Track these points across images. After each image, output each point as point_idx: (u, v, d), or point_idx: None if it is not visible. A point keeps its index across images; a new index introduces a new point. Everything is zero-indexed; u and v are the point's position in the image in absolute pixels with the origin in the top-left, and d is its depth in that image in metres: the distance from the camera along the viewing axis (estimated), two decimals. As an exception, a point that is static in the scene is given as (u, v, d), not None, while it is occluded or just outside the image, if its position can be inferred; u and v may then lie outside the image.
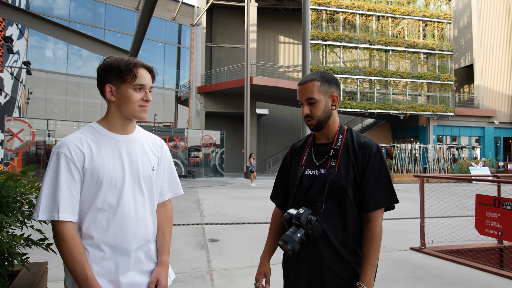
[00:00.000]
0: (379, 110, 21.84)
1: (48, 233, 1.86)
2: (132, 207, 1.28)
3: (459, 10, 27.09)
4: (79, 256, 1.17)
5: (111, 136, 1.30)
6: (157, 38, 22.34)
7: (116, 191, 1.25)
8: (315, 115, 1.41)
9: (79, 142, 1.23)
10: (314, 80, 1.41)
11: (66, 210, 1.17)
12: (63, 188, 1.17)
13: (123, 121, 1.32)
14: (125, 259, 1.26)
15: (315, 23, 21.41)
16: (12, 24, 12.30)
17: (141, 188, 1.32)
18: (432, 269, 3.91)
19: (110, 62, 1.28)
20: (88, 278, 1.16)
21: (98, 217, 1.23)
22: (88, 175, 1.22)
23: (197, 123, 22.22)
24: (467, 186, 11.68)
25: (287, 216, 1.36)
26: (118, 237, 1.25)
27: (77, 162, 1.20)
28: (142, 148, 1.36)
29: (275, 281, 2.00)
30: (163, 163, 1.46)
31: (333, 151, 1.41)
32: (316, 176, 1.41)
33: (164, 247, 1.40)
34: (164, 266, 1.37)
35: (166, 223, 1.46)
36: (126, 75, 1.26)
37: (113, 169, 1.25)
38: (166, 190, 1.49)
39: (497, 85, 25.39)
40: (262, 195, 11.02)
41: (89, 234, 1.23)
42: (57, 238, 1.17)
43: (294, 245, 1.27)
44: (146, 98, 1.30)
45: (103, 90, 1.30)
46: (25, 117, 15.65)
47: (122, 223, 1.26)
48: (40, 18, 5.22)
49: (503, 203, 3.89)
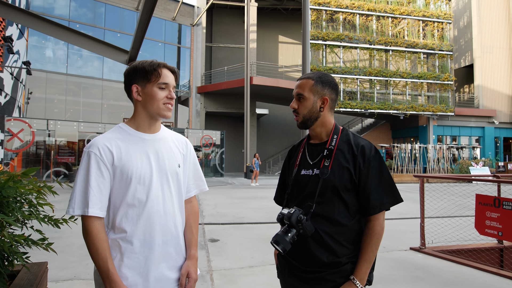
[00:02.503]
0: (379, 110, 21.84)
1: (48, 233, 1.87)
2: (160, 203, 1.34)
3: (459, 10, 27.09)
4: (103, 250, 1.23)
5: (138, 135, 1.37)
6: (157, 38, 22.34)
7: (144, 187, 1.31)
8: (301, 112, 1.44)
9: (107, 141, 1.31)
10: (310, 78, 1.44)
11: (95, 206, 1.24)
12: (93, 185, 1.25)
13: (149, 120, 1.39)
14: (154, 253, 1.31)
15: (315, 23, 21.41)
16: (12, 24, 12.30)
17: (169, 185, 1.38)
18: (432, 269, 3.91)
19: (135, 65, 1.38)
20: (110, 272, 1.22)
21: (129, 212, 1.30)
22: (118, 172, 1.29)
23: (197, 123, 22.23)
24: (467, 186, 11.68)
25: (280, 216, 1.37)
26: (147, 231, 1.30)
27: (106, 161, 1.28)
28: (168, 146, 1.43)
29: (276, 282, 2.00)
30: (188, 160, 1.53)
31: (327, 151, 1.41)
32: (311, 176, 1.41)
33: (192, 242, 1.48)
34: (194, 259, 1.45)
35: (193, 218, 1.53)
36: (150, 74, 1.34)
37: (141, 166, 1.32)
38: (192, 186, 1.56)
39: (497, 85, 25.39)
40: (262, 195, 11.02)
41: (122, 228, 1.29)
42: (84, 232, 1.24)
43: (285, 245, 1.29)
44: (170, 96, 1.39)
45: (130, 91, 1.38)
46: (25, 117, 15.66)
47: (151, 218, 1.31)
48: (40, 18, 5.22)
49: (503, 203, 3.89)
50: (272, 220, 6.63)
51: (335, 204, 1.36)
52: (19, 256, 1.54)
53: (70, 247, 4.62)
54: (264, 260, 4.18)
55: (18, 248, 1.64)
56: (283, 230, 1.32)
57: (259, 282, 3.50)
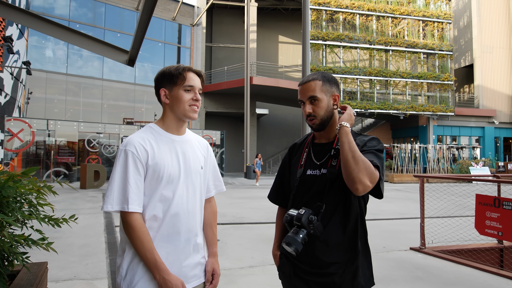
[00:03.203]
0: (379, 110, 21.84)
1: (48, 233, 1.86)
2: (184, 201, 1.40)
3: (459, 10, 27.09)
4: (148, 242, 1.29)
5: (168, 136, 1.44)
6: (157, 38, 22.33)
7: (172, 186, 1.38)
8: (318, 114, 1.41)
9: (142, 140, 1.37)
10: (316, 79, 1.42)
11: (134, 202, 1.29)
12: (132, 183, 1.30)
13: (177, 122, 1.47)
14: (176, 249, 1.37)
15: (315, 23, 21.41)
16: (12, 24, 12.30)
17: (193, 184, 1.45)
18: (432, 269, 3.91)
19: (163, 70, 1.46)
20: (157, 262, 1.29)
21: (157, 209, 1.35)
22: (150, 171, 1.35)
23: (197, 123, 22.23)
24: (467, 186, 11.68)
25: (288, 217, 1.36)
26: (171, 228, 1.36)
27: (142, 159, 1.34)
28: (193, 148, 1.50)
29: (276, 282, 2.00)
30: (209, 162, 1.60)
31: (334, 150, 1.41)
32: (318, 176, 1.41)
33: (213, 240, 1.58)
34: (216, 257, 1.55)
35: (213, 217, 1.62)
36: (176, 78, 1.42)
37: (171, 166, 1.38)
38: (211, 187, 1.64)
39: (497, 85, 25.39)
40: (262, 195, 11.03)
41: (148, 224, 1.34)
42: (127, 227, 1.30)
43: (297, 246, 1.28)
44: (196, 97, 1.45)
45: (159, 95, 1.45)
46: (25, 117, 15.65)
47: (175, 215, 1.37)
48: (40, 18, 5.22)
49: (503, 203, 3.89)
50: (272, 220, 6.63)
51: (343, 203, 1.37)
52: (18, 257, 1.54)
53: (70, 247, 4.62)
54: (264, 260, 4.18)
55: (18, 248, 1.64)
56: (293, 232, 1.31)
57: (259, 282, 3.50)
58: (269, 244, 4.92)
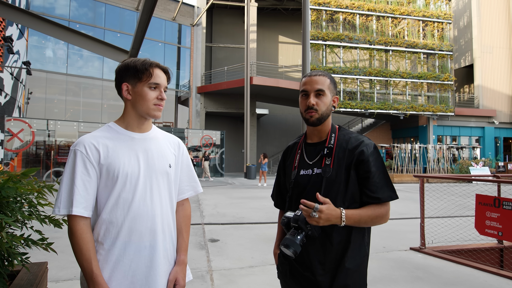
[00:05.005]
0: (379, 110, 21.83)
1: (48, 233, 1.86)
2: (148, 203, 1.29)
3: (459, 10, 27.09)
4: (87, 251, 1.20)
5: (127, 134, 1.35)
6: (157, 38, 22.33)
7: (131, 187, 1.27)
8: (320, 109, 1.42)
9: (94, 140, 1.28)
10: (325, 76, 1.45)
11: (79, 205, 1.20)
12: (78, 184, 1.21)
13: (138, 120, 1.36)
14: (140, 256, 1.26)
15: (315, 23, 21.41)
16: (12, 24, 12.30)
17: (158, 185, 1.34)
18: (432, 269, 3.91)
19: (127, 62, 1.34)
20: (93, 274, 1.18)
21: (114, 212, 1.25)
22: (104, 171, 1.26)
23: (197, 123, 22.22)
24: (467, 186, 11.68)
25: (285, 220, 1.35)
26: (132, 233, 1.26)
27: (92, 159, 1.25)
28: (158, 145, 1.39)
29: (276, 282, 1.99)
30: (181, 161, 1.49)
31: (327, 149, 1.42)
32: (311, 176, 1.41)
33: (182, 246, 1.43)
34: (183, 265, 1.39)
35: (184, 222, 1.48)
36: (142, 74, 1.31)
37: (128, 165, 1.28)
38: (185, 188, 1.50)
39: (497, 85, 25.39)
40: (262, 195, 11.02)
41: (107, 228, 1.25)
42: (69, 232, 1.22)
43: (296, 248, 1.27)
44: (161, 96, 1.34)
45: (120, 89, 1.35)
46: (25, 117, 15.66)
47: (137, 219, 1.27)
48: (40, 18, 5.22)
49: (503, 203, 3.89)
50: (272, 220, 6.63)
51: (337, 201, 1.37)
52: (17, 258, 1.54)
53: (70, 247, 4.60)
54: (264, 260, 4.18)
55: (18, 249, 1.64)
56: (291, 233, 1.30)
57: (259, 282, 3.50)
58: (269, 244, 4.92)
